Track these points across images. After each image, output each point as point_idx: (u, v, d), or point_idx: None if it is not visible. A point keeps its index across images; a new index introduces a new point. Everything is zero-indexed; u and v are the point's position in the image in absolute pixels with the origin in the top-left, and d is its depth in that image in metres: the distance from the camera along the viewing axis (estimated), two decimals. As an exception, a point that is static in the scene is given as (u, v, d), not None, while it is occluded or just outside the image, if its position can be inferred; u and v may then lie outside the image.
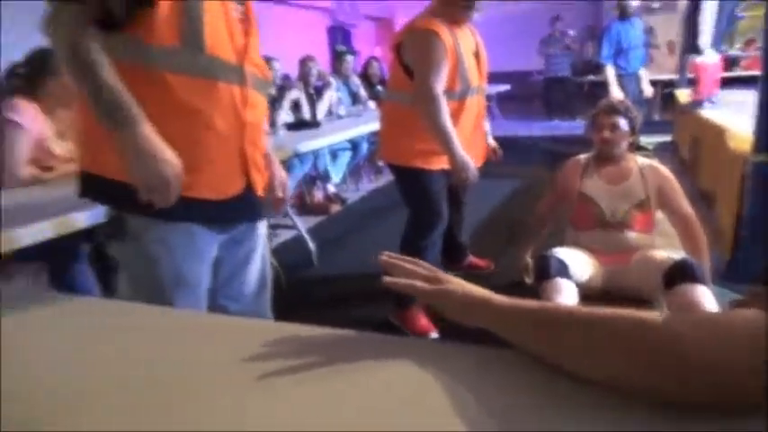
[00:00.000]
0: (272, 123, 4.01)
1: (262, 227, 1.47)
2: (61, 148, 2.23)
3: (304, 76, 5.17)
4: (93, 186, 1.24)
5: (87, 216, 1.68)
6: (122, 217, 1.22)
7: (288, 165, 3.87)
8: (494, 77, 3.48)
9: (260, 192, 1.38)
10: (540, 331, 0.64)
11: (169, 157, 1.12)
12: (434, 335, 2.42)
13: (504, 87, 8.08)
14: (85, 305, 1.04)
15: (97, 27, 1.10)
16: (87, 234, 1.94)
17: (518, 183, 5.19)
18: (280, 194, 1.50)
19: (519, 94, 9.28)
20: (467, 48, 2.36)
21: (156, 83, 1.14)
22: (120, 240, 1.24)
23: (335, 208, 4.80)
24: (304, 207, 4.76)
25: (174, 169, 1.13)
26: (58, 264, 2.17)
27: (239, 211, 1.34)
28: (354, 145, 5.16)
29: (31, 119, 2.13)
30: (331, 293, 3.07)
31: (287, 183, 1.53)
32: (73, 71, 1.10)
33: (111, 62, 1.10)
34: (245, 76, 1.26)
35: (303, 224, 3.81)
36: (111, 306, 1.07)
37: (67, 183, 1.92)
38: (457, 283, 0.74)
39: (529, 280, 2.34)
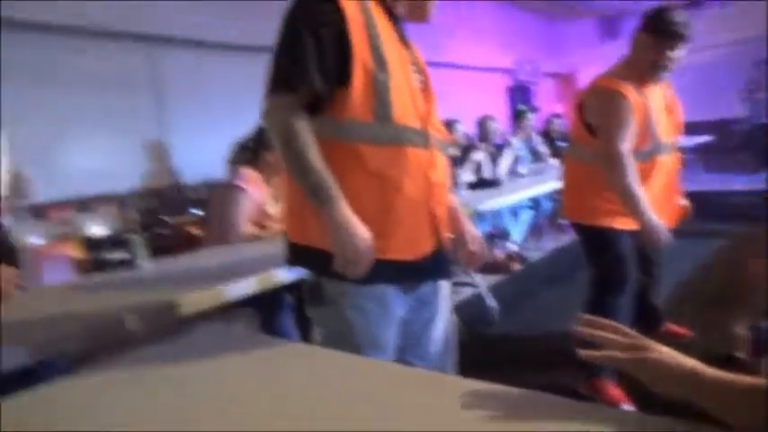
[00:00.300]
0: (455, 182, 4.14)
1: (446, 286, 1.51)
2: (274, 209, 2.56)
3: (484, 136, 5.29)
4: (297, 254, 1.37)
5: (288, 273, 1.86)
6: (321, 282, 1.33)
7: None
8: (692, 128, 3.25)
9: (447, 249, 1.44)
10: (763, 411, 0.58)
11: (362, 232, 1.21)
12: (627, 406, 2.25)
13: (704, 138, 7.40)
14: (287, 349, 1.19)
15: (304, 111, 1.24)
16: (291, 287, 2.18)
17: (722, 242, 4.67)
18: (473, 248, 1.53)
19: (721, 144, 8.41)
20: (657, 104, 2.27)
21: (351, 155, 1.26)
22: (319, 304, 1.35)
23: (516, 266, 4.73)
24: (484, 265, 4.76)
25: (366, 243, 1.21)
26: (266, 311, 2.46)
27: (430, 269, 1.40)
28: (536, 203, 5.09)
29: (253, 185, 2.49)
30: (513, 354, 3.02)
31: (479, 237, 1.56)
32: (285, 154, 1.24)
33: (315, 143, 1.23)
34: (430, 140, 1.35)
35: (484, 282, 3.82)
36: (311, 351, 1.20)
37: (275, 241, 2.19)
38: (663, 352, 0.69)
39: (741, 354, 2.08)
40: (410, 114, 1.31)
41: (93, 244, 3.24)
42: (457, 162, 4.49)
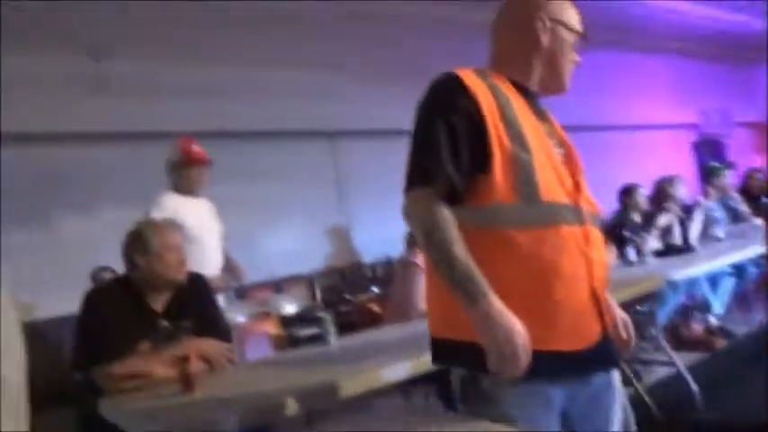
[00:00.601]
0: (639, 251, 3.88)
1: (617, 375, 1.38)
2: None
3: (664, 198, 4.91)
4: (447, 350, 1.27)
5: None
6: (478, 377, 1.22)
7: (659, 295, 3.65)
8: None
9: (612, 334, 1.31)
10: None
11: (518, 328, 1.12)
12: None
13: None
14: (473, 426, 1.19)
15: (444, 202, 1.18)
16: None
17: None
18: (624, 335, 1.39)
19: None
20: None
21: (500, 241, 1.19)
22: (477, 401, 1.24)
23: (720, 343, 4.20)
24: (680, 341, 4.31)
25: (523, 340, 1.11)
26: (443, 382, 2.47)
27: (599, 358, 1.28)
28: (739, 269, 4.53)
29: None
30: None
31: (629, 320, 1.42)
32: (428, 248, 1.18)
33: (459, 234, 1.16)
34: (582, 215, 1.27)
35: (681, 360, 3.44)
36: (495, 428, 1.17)
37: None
38: None
39: None
40: (557, 190, 1.24)
41: (286, 321, 3.56)
42: (640, 229, 4.21)
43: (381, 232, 4.76)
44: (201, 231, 2.99)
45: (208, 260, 2.95)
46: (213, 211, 3.29)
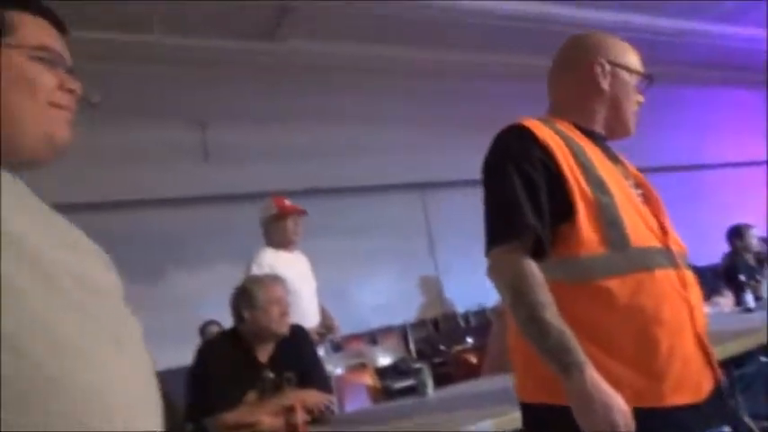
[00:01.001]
0: (758, 296, 3.58)
1: (727, 430, 1.25)
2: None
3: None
4: (542, 417, 1.17)
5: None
6: None
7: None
8: None
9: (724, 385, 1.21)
10: None
11: (617, 404, 1.03)
12: None
13: None
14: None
15: (531, 258, 1.12)
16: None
17: None
18: None
19: None
20: None
21: (595, 294, 1.12)
22: None
23: None
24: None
25: (622, 417, 1.02)
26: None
27: (712, 412, 1.16)
28: None
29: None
30: None
31: None
32: (517, 309, 1.10)
33: (550, 294, 1.09)
34: (674, 257, 1.18)
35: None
36: None
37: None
38: None
39: None
40: (645, 233, 1.17)
41: (381, 373, 3.56)
42: (755, 272, 3.90)
43: (473, 281, 4.71)
44: (301, 284, 3.09)
45: (306, 312, 3.03)
46: (308, 264, 3.40)
